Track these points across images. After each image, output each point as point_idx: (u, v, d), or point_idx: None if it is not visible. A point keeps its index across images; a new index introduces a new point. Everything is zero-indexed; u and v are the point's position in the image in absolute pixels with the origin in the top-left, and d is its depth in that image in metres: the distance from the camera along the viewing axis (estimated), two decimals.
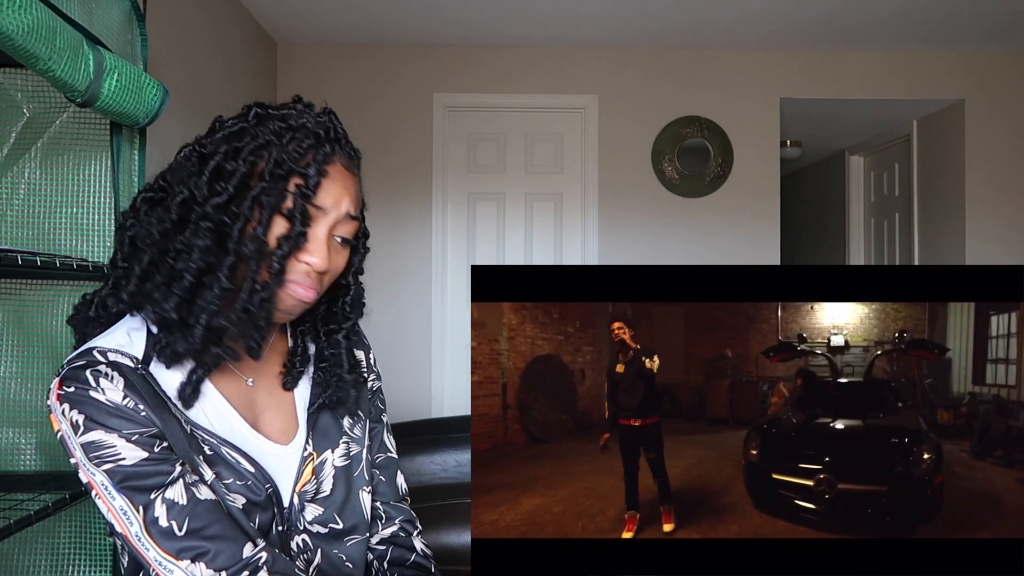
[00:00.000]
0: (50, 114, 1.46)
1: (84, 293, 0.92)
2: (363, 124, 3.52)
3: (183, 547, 0.76)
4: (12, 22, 1.04)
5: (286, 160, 0.80)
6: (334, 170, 0.84)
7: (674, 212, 3.63)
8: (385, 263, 3.53)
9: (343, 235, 0.87)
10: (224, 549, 0.78)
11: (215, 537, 0.78)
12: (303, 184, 0.81)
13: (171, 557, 0.76)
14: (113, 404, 0.77)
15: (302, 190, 0.81)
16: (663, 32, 3.39)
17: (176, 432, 0.80)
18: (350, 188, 0.86)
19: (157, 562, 0.76)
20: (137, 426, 0.77)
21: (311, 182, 0.81)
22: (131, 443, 0.76)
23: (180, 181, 0.81)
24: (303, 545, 0.89)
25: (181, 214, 0.80)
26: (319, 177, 0.82)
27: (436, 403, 3.59)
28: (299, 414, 0.93)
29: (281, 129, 0.82)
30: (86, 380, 0.77)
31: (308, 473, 0.90)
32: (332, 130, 0.86)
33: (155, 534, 0.76)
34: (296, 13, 3.19)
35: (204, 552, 0.77)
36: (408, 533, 1.02)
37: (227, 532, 0.79)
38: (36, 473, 1.44)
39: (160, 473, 0.77)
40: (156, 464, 0.77)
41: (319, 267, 0.83)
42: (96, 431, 0.76)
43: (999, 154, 3.59)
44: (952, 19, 3.18)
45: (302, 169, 0.81)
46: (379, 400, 1.06)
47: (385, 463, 1.03)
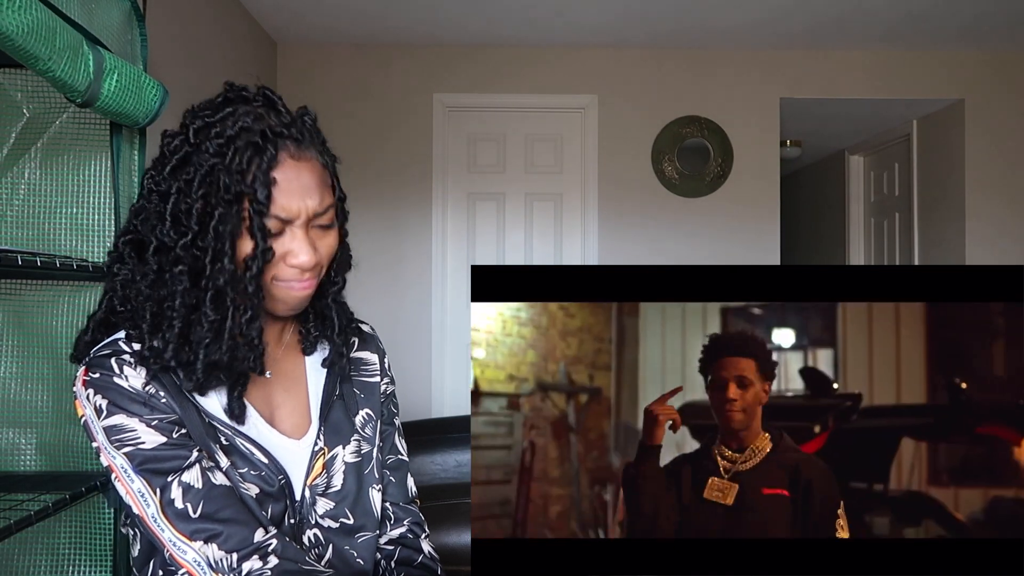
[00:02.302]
0: (50, 114, 1.46)
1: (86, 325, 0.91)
2: (363, 124, 3.52)
3: (197, 528, 0.79)
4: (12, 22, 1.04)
5: (232, 185, 0.78)
6: (283, 172, 0.81)
7: (674, 212, 3.63)
8: (385, 263, 3.53)
9: (320, 223, 0.86)
10: (236, 532, 0.80)
11: (228, 520, 0.81)
12: (255, 202, 0.79)
13: (185, 538, 0.79)
14: (135, 391, 0.81)
15: (255, 208, 0.79)
16: (663, 32, 3.39)
17: (194, 420, 0.83)
18: (307, 180, 0.82)
19: (172, 543, 0.79)
20: (157, 412, 0.81)
21: (261, 196, 0.78)
22: (151, 428, 0.80)
23: (151, 230, 0.82)
24: (315, 539, 0.91)
25: (159, 263, 0.82)
26: (268, 189, 0.79)
27: (436, 403, 3.59)
28: (312, 410, 0.95)
29: (220, 146, 0.79)
30: (111, 367, 0.81)
31: (319, 467, 0.92)
32: (271, 119, 0.82)
33: (171, 515, 0.79)
34: (296, 13, 3.19)
35: (217, 534, 0.80)
36: (416, 535, 1.03)
37: (240, 516, 0.82)
38: (36, 473, 1.44)
39: (177, 457, 0.80)
40: (174, 449, 0.80)
41: (308, 263, 0.83)
42: (118, 415, 0.80)
43: (999, 154, 3.59)
44: (952, 19, 3.18)
45: (250, 188, 0.79)
46: (392, 403, 1.07)
47: (396, 464, 1.04)
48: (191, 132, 0.81)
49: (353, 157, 3.45)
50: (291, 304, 0.87)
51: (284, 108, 0.86)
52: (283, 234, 0.83)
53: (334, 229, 0.88)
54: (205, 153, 0.80)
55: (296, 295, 0.86)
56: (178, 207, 0.80)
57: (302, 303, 0.88)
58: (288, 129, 0.83)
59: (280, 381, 0.94)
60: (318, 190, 0.84)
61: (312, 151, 0.85)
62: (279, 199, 0.80)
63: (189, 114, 0.84)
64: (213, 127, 0.81)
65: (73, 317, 1.46)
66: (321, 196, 0.84)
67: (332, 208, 0.87)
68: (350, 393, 0.99)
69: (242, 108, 0.82)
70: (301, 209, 0.82)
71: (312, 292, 0.87)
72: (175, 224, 0.81)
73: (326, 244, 0.87)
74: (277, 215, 0.81)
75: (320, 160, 0.86)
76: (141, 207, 0.85)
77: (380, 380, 1.04)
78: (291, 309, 0.88)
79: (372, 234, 3.52)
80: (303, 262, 0.83)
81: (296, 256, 0.83)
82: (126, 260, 0.85)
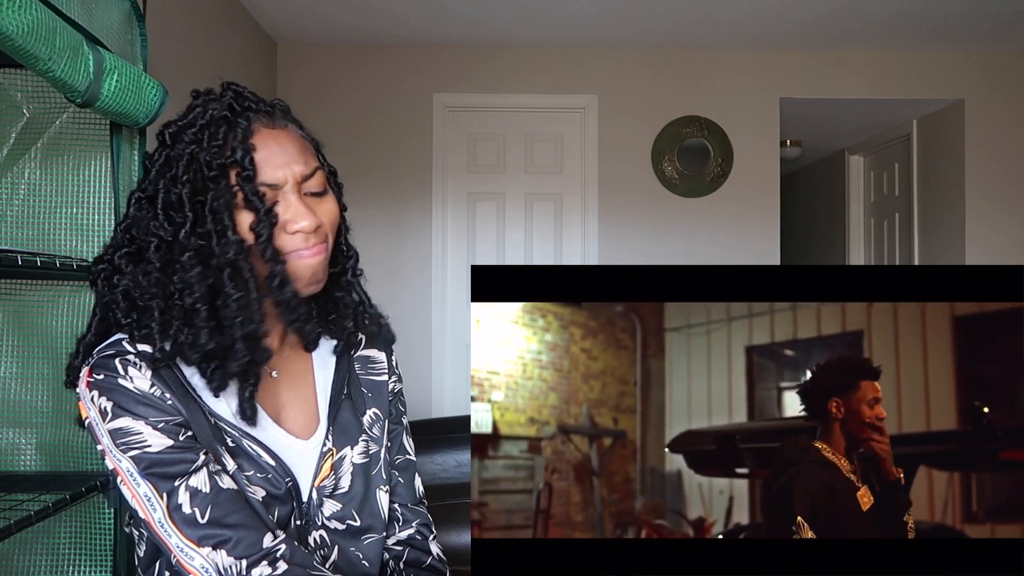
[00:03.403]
0: (50, 114, 1.46)
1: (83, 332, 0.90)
2: (363, 124, 3.52)
3: (205, 534, 0.78)
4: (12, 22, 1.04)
5: (213, 160, 0.79)
6: (260, 139, 0.81)
7: (674, 212, 3.63)
8: (385, 263, 3.53)
9: (312, 189, 0.85)
10: (245, 537, 0.79)
11: (236, 526, 0.79)
12: (240, 171, 0.79)
13: (193, 544, 0.78)
14: (140, 392, 0.79)
15: (242, 176, 0.79)
16: (663, 32, 3.39)
17: (201, 422, 0.82)
18: (286, 145, 0.83)
19: (179, 549, 0.78)
20: (163, 414, 0.79)
21: (245, 161, 0.79)
22: (157, 431, 0.79)
23: (147, 232, 0.82)
24: (320, 541, 0.90)
25: (163, 259, 0.81)
26: (248, 153, 0.79)
27: (436, 403, 3.59)
28: (320, 409, 0.94)
29: (195, 135, 0.80)
30: (115, 368, 0.79)
31: (327, 468, 0.91)
32: (236, 102, 0.83)
33: (178, 521, 0.78)
34: (296, 13, 3.19)
35: (225, 540, 0.78)
36: (425, 537, 1.03)
37: (248, 521, 0.80)
38: (36, 473, 1.44)
39: (184, 461, 0.79)
40: (181, 452, 0.79)
41: (310, 226, 0.83)
42: (124, 418, 0.78)
43: (999, 154, 3.59)
44: (952, 19, 3.18)
45: (230, 159, 0.79)
46: (400, 402, 1.06)
47: (404, 465, 1.04)
48: (167, 137, 0.83)
49: (353, 157, 3.45)
50: (307, 276, 0.85)
51: (251, 94, 0.86)
52: (276, 204, 0.82)
53: (330, 195, 0.88)
54: (181, 144, 0.81)
55: (308, 263, 0.84)
56: (168, 200, 0.80)
57: (319, 272, 0.86)
58: (256, 104, 0.84)
59: (286, 380, 0.93)
60: (300, 154, 0.84)
61: (286, 123, 0.86)
62: (263, 168, 0.80)
63: (163, 127, 0.84)
64: (188, 127, 0.82)
65: (73, 317, 1.46)
66: (304, 160, 0.84)
67: (320, 172, 0.86)
68: (358, 392, 0.98)
69: (212, 103, 0.83)
70: (287, 174, 0.82)
71: (324, 259, 0.86)
72: (168, 217, 0.80)
73: (324, 210, 0.86)
74: (264, 182, 0.80)
75: (298, 132, 0.87)
76: (132, 221, 0.84)
77: (388, 379, 1.03)
78: (310, 282, 0.86)
79: (372, 234, 3.52)
80: (304, 226, 0.82)
81: (296, 222, 0.82)
82: (124, 269, 0.84)
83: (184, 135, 0.81)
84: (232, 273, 0.79)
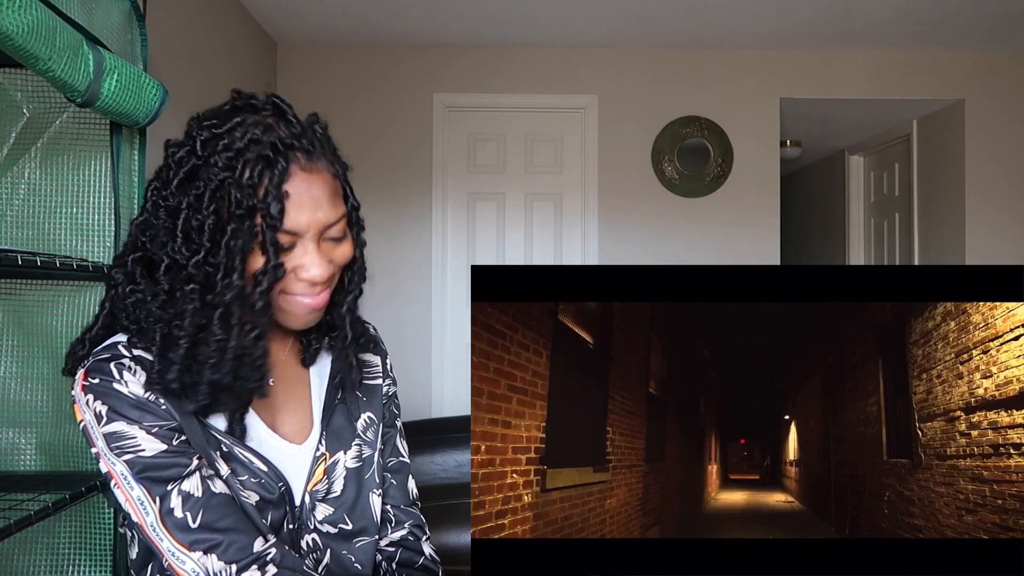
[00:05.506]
0: (50, 114, 1.46)
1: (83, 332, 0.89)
2: (363, 124, 3.52)
3: (196, 539, 0.78)
4: (12, 22, 1.04)
5: (244, 199, 0.76)
6: (294, 185, 0.79)
7: (674, 212, 3.63)
8: (385, 263, 3.53)
9: (333, 235, 0.84)
10: (236, 542, 0.79)
11: (227, 530, 0.79)
12: (267, 217, 0.77)
13: (184, 548, 0.78)
14: (135, 397, 0.79)
15: (267, 223, 0.77)
16: (663, 32, 3.39)
17: (194, 428, 0.82)
18: (318, 192, 0.81)
19: (171, 553, 0.78)
20: (157, 419, 0.80)
21: (275, 211, 0.77)
22: (151, 435, 0.79)
23: (160, 247, 0.80)
24: (313, 544, 0.90)
25: (171, 283, 0.80)
26: (281, 203, 0.77)
27: (436, 403, 3.59)
28: (314, 415, 0.94)
29: (229, 159, 0.77)
30: (110, 372, 0.79)
31: (320, 473, 0.91)
32: (281, 130, 0.81)
33: (170, 525, 0.78)
34: (296, 13, 3.19)
35: (216, 544, 0.78)
36: (417, 537, 1.03)
37: (239, 526, 0.80)
38: (36, 473, 1.44)
39: (177, 465, 0.79)
40: (174, 456, 0.79)
41: (320, 277, 0.82)
42: (118, 422, 0.79)
43: (999, 154, 3.59)
44: (952, 19, 3.18)
45: (262, 203, 0.77)
46: (394, 405, 1.06)
47: (397, 467, 1.04)
48: (198, 144, 0.79)
49: (353, 157, 3.39)
50: (302, 318, 0.85)
51: (295, 117, 0.83)
52: (294, 247, 0.81)
53: (347, 239, 0.87)
54: (214, 167, 0.77)
55: (307, 309, 0.84)
56: (189, 224, 0.78)
57: (314, 317, 0.86)
58: (299, 140, 0.80)
59: (282, 385, 0.93)
60: (329, 202, 0.82)
61: (323, 162, 0.83)
62: (290, 212, 0.78)
63: (195, 123, 0.81)
64: (221, 139, 0.78)
65: (73, 317, 1.46)
66: (332, 208, 0.83)
67: (344, 219, 0.85)
68: (352, 397, 0.98)
69: (251, 118, 0.80)
70: (312, 222, 0.80)
71: (324, 305, 0.86)
72: (187, 241, 0.78)
73: (339, 255, 0.85)
74: (288, 229, 0.79)
75: (331, 171, 0.84)
76: (147, 222, 0.83)
77: (382, 382, 1.03)
78: (302, 323, 0.86)
79: (372, 234, 3.47)
80: (314, 276, 0.82)
81: (307, 270, 0.81)
82: (138, 280, 0.83)
83: (217, 155, 0.77)
84: (223, 314, 0.79)
